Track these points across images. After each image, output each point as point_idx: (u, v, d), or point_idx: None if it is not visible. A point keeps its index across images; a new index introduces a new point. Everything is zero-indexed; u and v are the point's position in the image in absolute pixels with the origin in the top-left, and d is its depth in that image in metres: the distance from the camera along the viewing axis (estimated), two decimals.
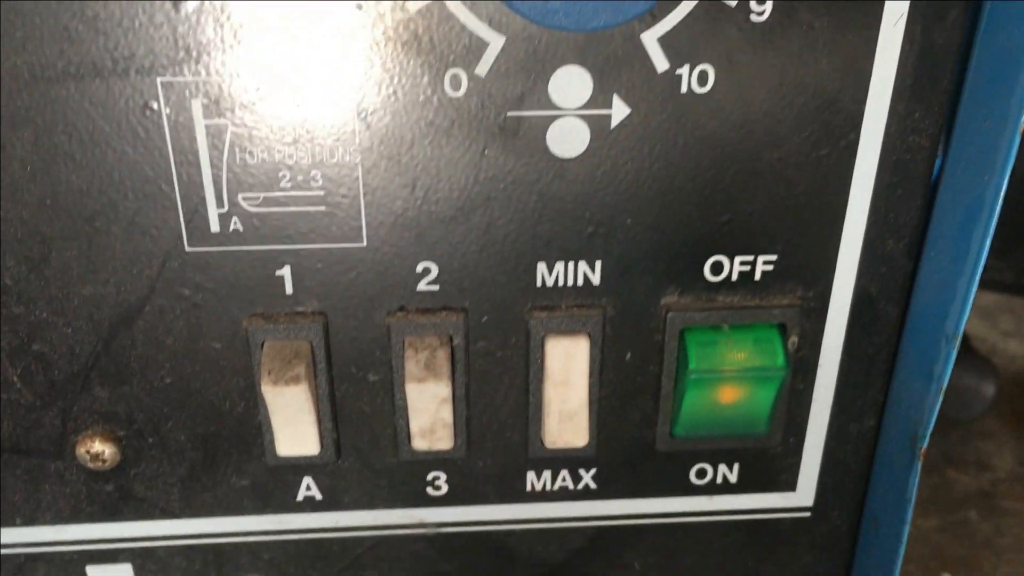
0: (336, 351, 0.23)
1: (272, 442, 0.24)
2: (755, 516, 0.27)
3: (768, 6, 0.20)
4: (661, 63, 0.21)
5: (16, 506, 0.25)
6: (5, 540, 0.25)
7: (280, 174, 0.21)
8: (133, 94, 0.20)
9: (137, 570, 0.26)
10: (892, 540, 0.25)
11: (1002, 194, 0.20)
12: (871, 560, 0.27)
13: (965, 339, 0.63)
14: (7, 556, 0.26)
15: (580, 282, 0.23)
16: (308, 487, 0.25)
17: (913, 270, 0.23)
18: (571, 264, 0.23)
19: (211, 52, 0.20)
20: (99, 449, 0.24)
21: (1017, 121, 0.19)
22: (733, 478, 0.26)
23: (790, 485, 0.26)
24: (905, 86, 0.21)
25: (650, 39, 0.20)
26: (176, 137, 0.21)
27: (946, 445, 0.60)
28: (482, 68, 0.20)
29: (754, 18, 0.20)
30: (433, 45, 0.20)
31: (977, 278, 0.21)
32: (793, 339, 0.24)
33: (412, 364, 0.23)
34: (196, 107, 0.20)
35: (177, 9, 0.19)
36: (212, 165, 0.21)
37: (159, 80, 0.20)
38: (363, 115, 0.21)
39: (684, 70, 0.21)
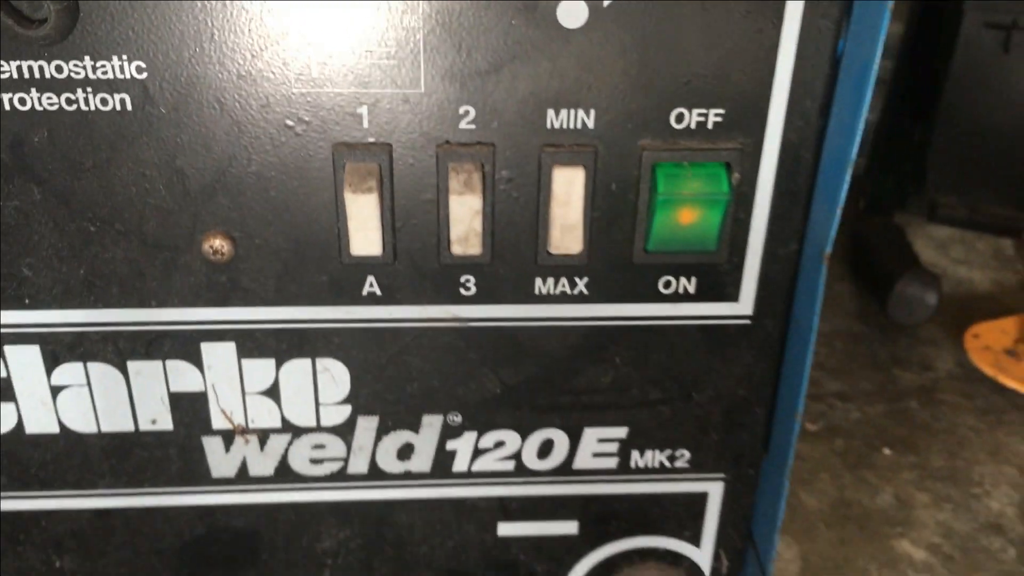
0: (397, 174, 0.32)
1: (347, 244, 0.32)
2: (708, 322, 0.35)
3: None
4: None
5: (153, 291, 0.33)
6: (143, 319, 0.34)
7: (364, 33, 0.29)
8: None
9: (239, 348, 0.34)
10: (807, 332, 0.33)
11: (876, 62, 0.28)
12: (793, 351, 0.35)
13: (914, 258, 0.72)
14: (140, 333, 0.34)
15: (579, 126, 0.31)
16: (371, 284, 0.34)
17: (824, 124, 0.32)
18: (572, 111, 0.31)
19: None
20: (219, 245, 0.32)
21: (886, 13, 0.28)
22: (692, 289, 0.34)
23: (734, 297, 0.34)
24: None
25: None
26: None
27: (894, 348, 0.69)
28: None
29: None
30: None
31: (861, 125, 0.30)
32: (736, 175, 0.32)
33: (454, 182, 0.31)
34: None
35: None
36: (317, 23, 0.29)
37: None
38: None
39: None
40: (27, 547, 0.38)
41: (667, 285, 0.34)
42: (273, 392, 0.35)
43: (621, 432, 0.37)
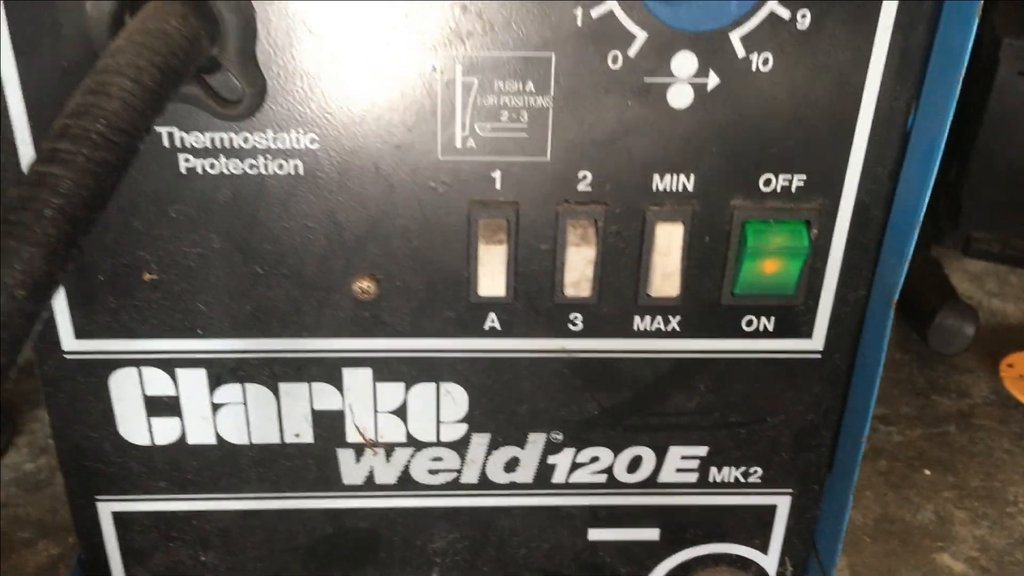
0: (522, 228, 0.37)
1: (475, 286, 0.37)
2: (783, 355, 0.40)
3: (808, 19, 0.33)
4: (740, 51, 0.34)
5: (306, 324, 0.39)
6: (296, 347, 0.39)
7: (501, 113, 0.35)
8: (420, 60, 0.34)
9: (375, 373, 0.40)
10: (873, 369, 0.38)
11: (943, 137, 0.33)
12: (860, 385, 0.40)
13: (952, 290, 0.76)
14: (292, 359, 0.39)
15: (680, 188, 0.36)
16: (492, 320, 0.39)
17: (893, 188, 0.37)
18: (674, 176, 0.36)
19: (468, 40, 0.33)
20: (366, 286, 0.38)
21: (953, 98, 0.33)
22: (771, 327, 0.39)
23: (808, 334, 0.39)
24: (890, 72, 0.34)
25: (735, 37, 0.34)
26: (444, 86, 0.34)
27: (932, 375, 0.74)
28: (632, 51, 0.34)
29: (799, 26, 0.34)
30: (606, 37, 0.33)
31: (928, 192, 0.35)
32: (815, 231, 0.37)
33: (571, 235, 0.36)
34: (458, 69, 0.34)
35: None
36: (462, 104, 0.35)
37: (440, 53, 0.34)
38: (558, 79, 0.34)
39: (754, 56, 0.34)
40: (178, 544, 0.43)
41: (749, 323, 0.39)
42: (401, 411, 0.41)
43: (702, 450, 0.42)
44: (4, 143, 0.34)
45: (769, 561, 0.45)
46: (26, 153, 0.34)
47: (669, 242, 0.37)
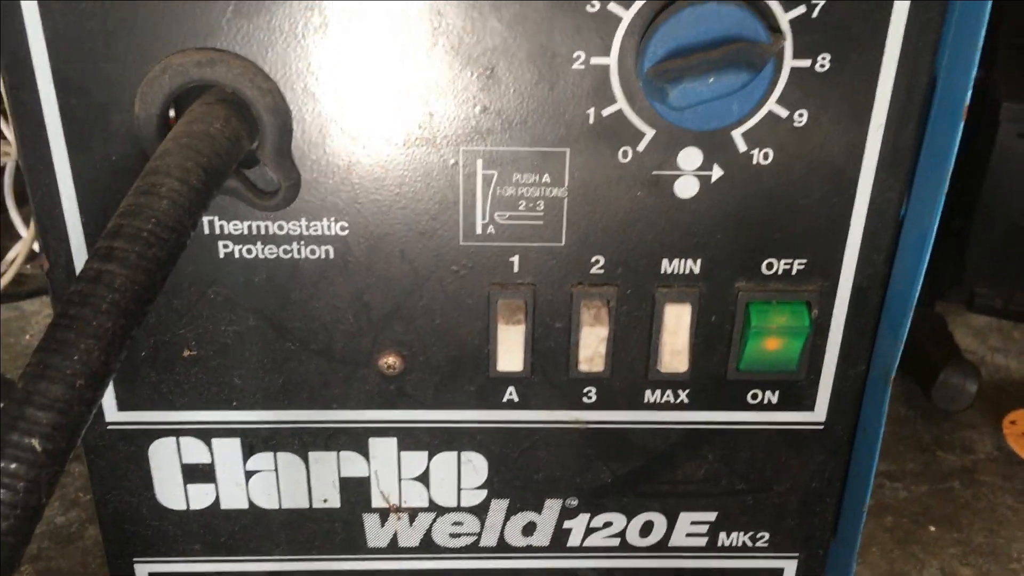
0: (538, 308, 0.39)
1: (495, 362, 0.40)
2: (787, 427, 0.42)
3: (805, 118, 0.36)
4: (742, 146, 0.36)
5: (335, 396, 0.41)
6: (325, 418, 0.41)
7: (519, 202, 0.37)
8: (443, 156, 0.36)
9: (399, 442, 0.42)
10: (873, 440, 0.40)
11: (933, 230, 0.36)
12: (860, 454, 0.42)
13: (956, 348, 0.78)
14: (321, 429, 0.42)
15: (687, 271, 0.39)
16: (511, 392, 0.41)
17: (888, 271, 0.39)
18: (682, 260, 0.38)
19: (489, 137, 0.36)
20: (392, 361, 0.40)
21: (942, 191, 0.35)
22: (775, 400, 0.41)
23: (810, 407, 0.41)
24: (883, 166, 0.37)
25: (737, 134, 0.36)
26: (466, 179, 0.37)
27: (937, 432, 0.75)
28: (641, 146, 0.36)
29: (796, 123, 0.36)
30: (616, 134, 0.36)
31: (921, 277, 0.37)
32: (815, 312, 0.39)
33: (586, 315, 0.39)
34: (479, 163, 0.37)
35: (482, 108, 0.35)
36: (482, 195, 0.37)
37: (462, 148, 0.36)
38: (572, 172, 0.37)
39: (756, 151, 0.36)
40: None
41: (754, 397, 0.41)
42: (424, 478, 0.43)
43: (711, 516, 0.44)
44: (56, 232, 0.37)
45: None
46: (76, 242, 0.37)
47: (677, 322, 0.39)
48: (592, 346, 0.39)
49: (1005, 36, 0.85)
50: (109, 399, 0.40)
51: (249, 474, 0.42)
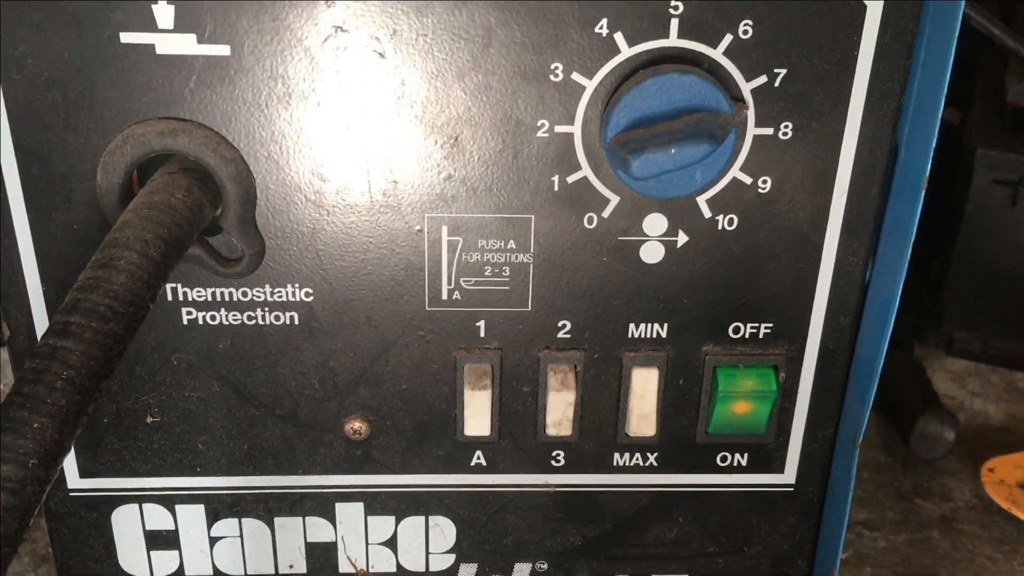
0: (505, 373, 0.39)
1: (462, 427, 0.39)
2: (757, 488, 0.42)
3: (769, 185, 0.36)
4: (707, 212, 0.36)
5: (300, 462, 0.40)
6: (290, 483, 0.41)
7: (485, 268, 0.37)
8: (408, 222, 0.36)
9: (366, 507, 0.41)
10: (842, 502, 0.40)
11: (897, 296, 0.36)
12: (831, 516, 0.42)
13: (934, 395, 0.78)
14: (287, 495, 0.41)
15: (654, 335, 0.38)
16: (478, 456, 0.41)
17: (854, 334, 0.39)
18: (649, 325, 0.38)
19: (453, 204, 0.36)
20: (358, 427, 0.40)
21: (904, 258, 0.35)
22: (744, 463, 0.41)
23: (780, 469, 0.41)
24: (847, 232, 0.37)
25: (701, 200, 0.36)
26: (431, 245, 0.37)
27: (916, 480, 0.75)
28: (606, 212, 0.36)
29: (759, 191, 0.36)
30: (581, 200, 0.36)
31: (886, 342, 0.37)
32: (783, 375, 0.39)
33: (552, 380, 0.39)
34: (444, 230, 0.36)
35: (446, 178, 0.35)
36: (448, 261, 0.37)
37: (427, 215, 0.36)
38: (537, 237, 0.37)
39: (720, 216, 0.36)
40: None
41: (723, 459, 0.41)
42: (391, 543, 0.42)
43: None
44: (17, 300, 0.36)
45: None
46: (38, 311, 0.36)
47: (645, 385, 0.39)
48: (560, 410, 0.39)
49: (981, 81, 0.85)
50: (71, 466, 0.40)
51: (214, 540, 0.42)
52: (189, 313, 0.37)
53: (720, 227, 0.37)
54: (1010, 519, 0.71)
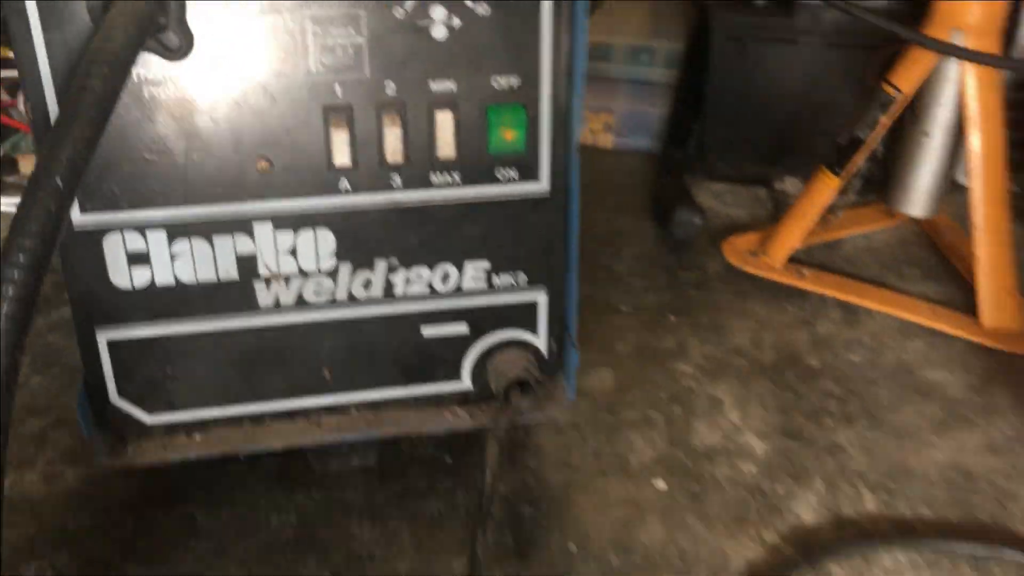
0: (356, 120, 0.61)
1: (332, 159, 0.62)
2: (526, 195, 0.65)
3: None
4: (469, 2, 0.60)
5: (228, 193, 0.62)
6: (226, 210, 0.62)
7: (336, 48, 0.60)
8: (286, 32, 0.58)
9: (274, 225, 0.63)
10: (574, 195, 0.64)
11: (585, 61, 0.60)
12: (572, 211, 0.66)
13: (687, 194, 1.04)
14: (222, 221, 0.63)
15: (448, 90, 0.62)
16: (344, 182, 0.63)
17: (571, 82, 0.63)
18: (444, 81, 0.61)
19: (310, 9, 0.58)
20: (263, 165, 0.62)
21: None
22: (516, 176, 0.65)
23: (538, 179, 0.65)
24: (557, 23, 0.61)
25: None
26: (302, 36, 0.59)
27: (680, 258, 1.01)
28: (409, 7, 0.59)
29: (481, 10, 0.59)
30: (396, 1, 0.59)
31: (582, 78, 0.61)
32: (530, 112, 0.63)
33: (386, 122, 0.61)
34: (308, 24, 0.59)
35: None
36: (313, 45, 0.59)
37: (297, 14, 0.58)
38: (369, 25, 0.59)
39: (480, 5, 0.60)
40: (151, 361, 0.65)
41: (503, 174, 0.65)
42: (293, 251, 0.64)
43: (487, 264, 0.67)
44: (35, 91, 0.57)
45: (541, 341, 0.70)
46: (50, 96, 0.57)
47: (445, 123, 0.62)
48: (392, 143, 0.62)
49: None
50: (74, 207, 0.60)
51: (173, 256, 0.63)
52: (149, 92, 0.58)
53: (479, 13, 0.60)
54: (746, 278, 0.98)
